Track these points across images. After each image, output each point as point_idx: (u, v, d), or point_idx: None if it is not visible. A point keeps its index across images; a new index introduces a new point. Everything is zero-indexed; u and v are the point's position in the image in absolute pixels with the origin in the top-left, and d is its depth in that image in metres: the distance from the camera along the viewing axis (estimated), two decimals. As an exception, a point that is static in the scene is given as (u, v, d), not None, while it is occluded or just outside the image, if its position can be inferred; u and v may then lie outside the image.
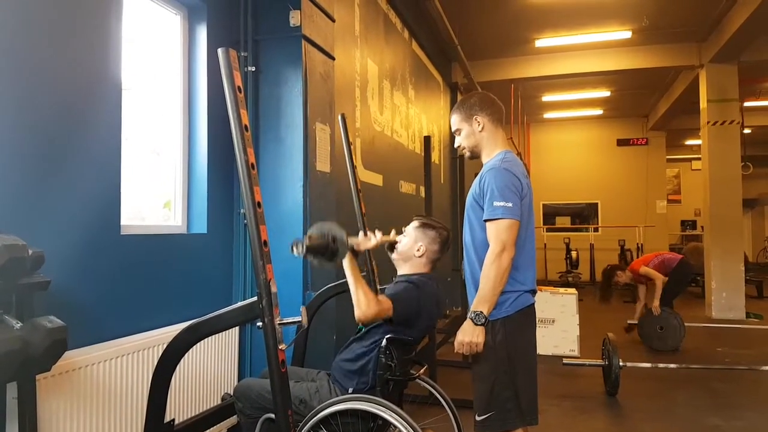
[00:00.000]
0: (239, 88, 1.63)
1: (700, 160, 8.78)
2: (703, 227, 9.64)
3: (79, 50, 2.13)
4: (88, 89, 2.18)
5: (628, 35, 7.62)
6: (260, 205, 1.63)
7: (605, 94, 10.89)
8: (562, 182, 13.39)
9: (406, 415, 1.82)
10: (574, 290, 5.72)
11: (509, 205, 1.93)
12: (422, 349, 2.34)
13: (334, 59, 3.48)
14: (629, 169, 13.27)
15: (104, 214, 2.26)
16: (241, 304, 1.73)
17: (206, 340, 2.53)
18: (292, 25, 3.05)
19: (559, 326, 5.46)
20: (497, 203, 1.94)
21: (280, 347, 1.62)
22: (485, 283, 1.93)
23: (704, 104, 8.19)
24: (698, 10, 7.00)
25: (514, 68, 8.86)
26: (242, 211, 2.97)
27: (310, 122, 3.10)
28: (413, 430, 1.78)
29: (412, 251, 2.23)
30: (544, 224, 13.53)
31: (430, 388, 2.33)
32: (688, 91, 9.23)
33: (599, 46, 8.23)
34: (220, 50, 1.62)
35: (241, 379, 2.93)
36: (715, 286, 7.91)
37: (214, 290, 2.97)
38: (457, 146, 2.22)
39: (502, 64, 8.90)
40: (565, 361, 4.38)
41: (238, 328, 3.00)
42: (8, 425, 1.57)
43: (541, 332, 5.16)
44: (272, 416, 1.83)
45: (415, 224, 2.28)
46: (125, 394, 2.19)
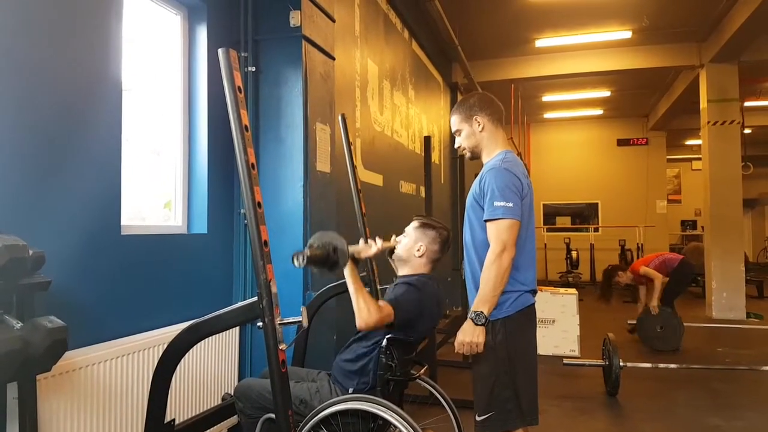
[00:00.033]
0: (239, 88, 1.63)
1: (700, 160, 8.77)
2: (703, 227, 9.64)
3: (79, 50, 2.13)
4: (88, 89, 2.18)
5: (628, 35, 7.61)
6: (260, 205, 1.63)
7: (605, 94, 10.89)
8: (562, 182, 13.39)
9: (406, 415, 1.82)
10: (574, 290, 5.72)
11: (510, 205, 1.93)
12: (422, 349, 2.34)
13: (334, 59, 3.48)
14: (629, 169, 13.26)
15: (104, 214, 2.26)
16: (241, 304, 1.73)
17: (206, 340, 2.53)
18: (292, 25, 3.05)
19: (559, 326, 5.46)
20: (498, 203, 1.94)
21: (280, 347, 1.62)
22: (486, 283, 1.93)
23: (704, 104, 8.19)
24: (698, 9, 7.00)
25: (514, 68, 8.86)
26: (242, 211, 2.97)
27: (310, 122, 3.10)
28: (414, 430, 1.78)
29: (412, 251, 2.23)
30: (544, 224, 13.53)
31: (430, 388, 2.33)
32: (688, 91, 9.23)
33: (599, 46, 8.22)
34: (220, 50, 1.62)
35: (241, 379, 2.93)
36: (715, 286, 7.90)
37: (214, 290, 2.97)
38: (457, 147, 2.22)
39: (502, 64, 8.90)
40: (565, 361, 4.38)
41: (238, 328, 3.00)
42: (8, 425, 1.57)
43: (541, 332, 5.16)
44: (273, 416, 1.83)
45: (414, 224, 2.28)
46: (125, 394, 2.19)
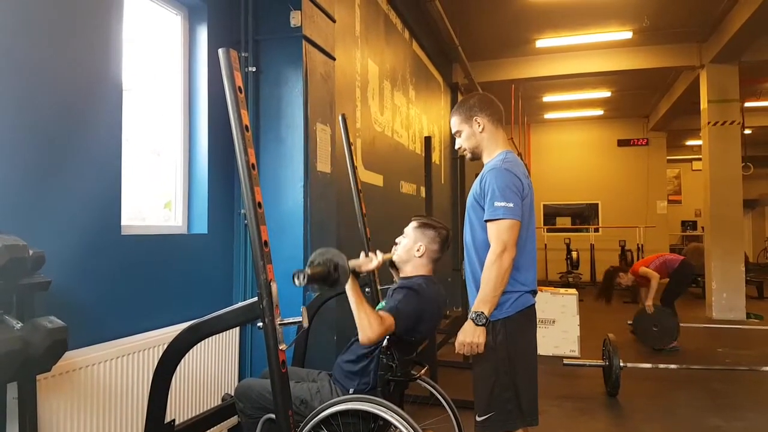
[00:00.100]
0: (240, 88, 1.63)
1: (700, 160, 8.77)
2: (703, 228, 9.64)
3: (79, 50, 2.13)
4: (88, 89, 2.18)
5: (628, 36, 7.61)
6: (261, 205, 1.63)
7: (606, 94, 10.89)
8: (562, 183, 13.39)
9: (407, 415, 1.82)
10: (574, 291, 5.72)
11: (510, 205, 1.93)
12: (423, 349, 2.34)
13: (334, 59, 3.48)
14: (630, 169, 13.26)
15: (105, 214, 2.26)
16: (241, 304, 1.72)
17: (207, 340, 2.53)
18: (292, 25, 3.05)
19: (559, 327, 5.46)
20: (498, 203, 1.94)
21: (280, 347, 1.62)
22: (486, 283, 1.93)
23: (705, 105, 8.19)
24: (699, 10, 7.00)
25: (514, 69, 8.86)
26: (243, 211, 2.97)
27: (310, 122, 3.10)
28: (414, 430, 1.78)
29: (411, 252, 2.23)
30: (544, 224, 13.53)
31: (430, 388, 2.33)
32: (688, 91, 9.23)
33: (600, 46, 8.23)
34: (220, 50, 1.62)
35: (241, 379, 2.93)
36: (715, 286, 7.90)
37: (214, 290, 2.97)
38: (457, 148, 2.22)
39: (502, 64, 8.91)
40: (565, 361, 4.38)
41: (238, 328, 3.00)
42: (8, 425, 1.56)
43: (541, 333, 5.16)
44: (273, 416, 1.83)
45: (413, 225, 2.28)
46: (126, 394, 2.19)
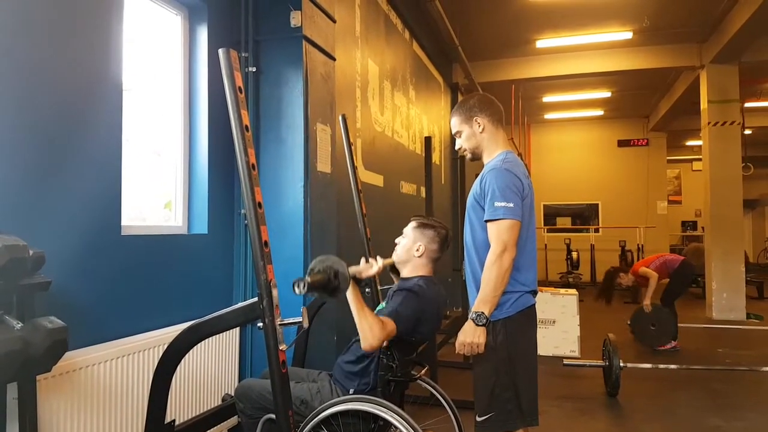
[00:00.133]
0: (240, 88, 1.63)
1: (700, 160, 8.77)
2: (703, 228, 9.63)
3: (79, 50, 2.13)
4: (88, 89, 2.18)
5: (629, 36, 7.61)
6: (261, 205, 1.63)
7: (606, 94, 10.89)
8: (562, 183, 13.39)
9: (407, 415, 1.82)
10: (574, 291, 5.71)
11: (510, 205, 1.93)
12: (423, 350, 2.34)
13: (334, 60, 3.48)
14: (630, 169, 13.26)
15: (105, 214, 2.25)
16: (241, 304, 1.72)
17: (207, 340, 2.53)
18: (292, 25, 3.05)
19: (559, 327, 5.46)
20: (498, 203, 1.94)
21: (280, 348, 1.62)
22: (486, 283, 1.92)
23: (705, 105, 8.19)
24: (699, 10, 7.00)
25: (514, 69, 8.86)
26: (243, 211, 2.97)
27: (310, 123, 3.10)
28: (414, 430, 1.78)
29: (411, 252, 2.22)
30: (544, 225, 13.53)
31: (431, 389, 2.33)
32: (688, 91, 9.23)
33: (600, 46, 8.23)
34: (220, 51, 1.62)
35: (241, 379, 2.93)
36: (715, 286, 7.90)
37: (214, 291, 2.97)
38: (457, 148, 2.22)
39: (502, 64, 8.91)
40: (565, 361, 4.38)
41: (238, 328, 3.00)
42: (8, 426, 1.56)
43: (541, 333, 5.15)
44: (273, 417, 1.83)
45: (412, 225, 2.28)
46: (126, 394, 2.18)
